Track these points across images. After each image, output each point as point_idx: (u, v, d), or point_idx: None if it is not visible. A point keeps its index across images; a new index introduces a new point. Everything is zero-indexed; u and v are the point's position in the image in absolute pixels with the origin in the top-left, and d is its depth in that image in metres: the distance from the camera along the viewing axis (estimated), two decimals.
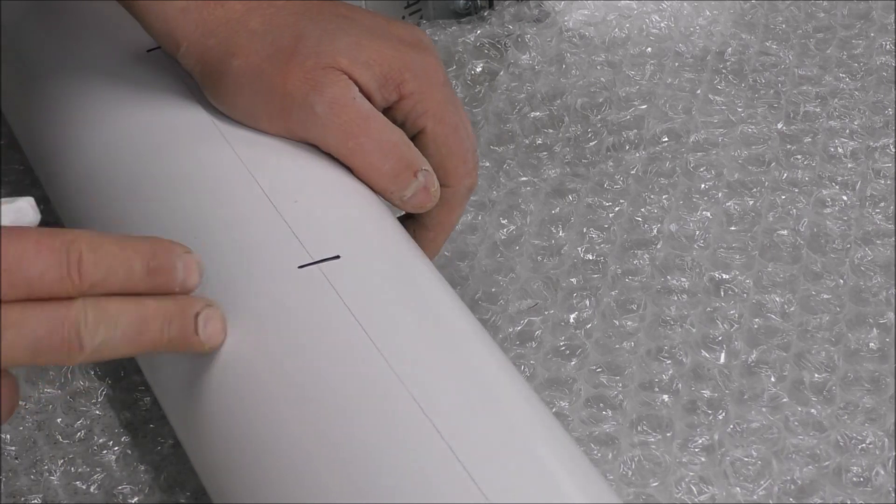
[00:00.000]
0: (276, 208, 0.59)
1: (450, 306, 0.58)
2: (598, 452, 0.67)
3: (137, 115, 0.66)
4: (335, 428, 0.52)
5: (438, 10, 0.91)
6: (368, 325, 0.54)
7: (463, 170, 0.65)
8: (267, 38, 0.62)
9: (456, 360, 0.56)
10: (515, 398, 0.55)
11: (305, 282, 0.57)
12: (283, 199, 0.60)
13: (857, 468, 0.66)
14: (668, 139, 0.84)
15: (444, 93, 0.64)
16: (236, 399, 0.55)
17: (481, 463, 0.50)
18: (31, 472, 0.67)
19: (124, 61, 0.69)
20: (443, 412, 0.52)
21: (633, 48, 0.89)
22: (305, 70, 0.61)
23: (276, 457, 0.53)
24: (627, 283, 0.75)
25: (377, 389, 0.53)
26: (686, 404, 0.69)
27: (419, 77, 0.63)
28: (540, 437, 0.53)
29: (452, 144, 0.64)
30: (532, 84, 0.87)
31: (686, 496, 0.65)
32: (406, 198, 0.63)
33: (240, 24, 0.63)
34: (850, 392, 0.70)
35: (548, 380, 0.70)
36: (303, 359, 0.55)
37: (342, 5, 0.65)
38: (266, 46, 0.62)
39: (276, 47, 0.62)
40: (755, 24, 0.91)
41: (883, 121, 0.85)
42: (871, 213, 0.79)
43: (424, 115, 0.63)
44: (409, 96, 0.63)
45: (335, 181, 0.62)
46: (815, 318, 0.73)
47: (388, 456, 0.51)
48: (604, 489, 0.52)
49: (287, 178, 0.61)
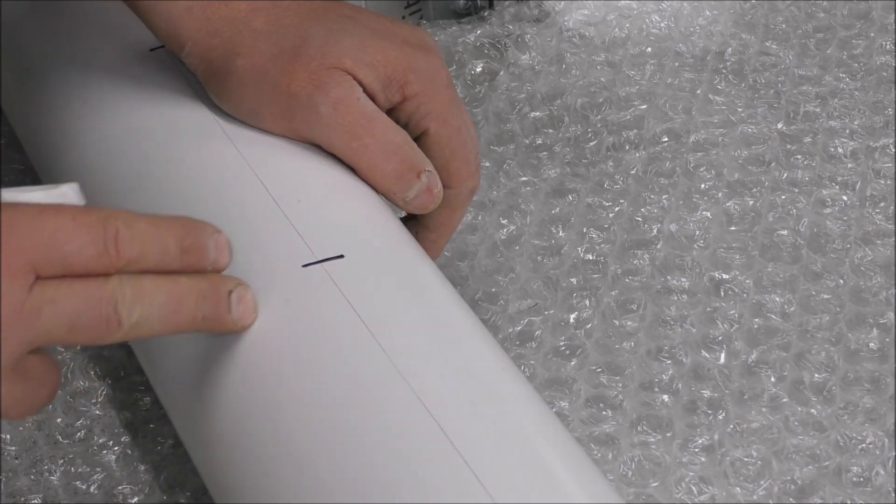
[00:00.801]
0: (280, 208, 0.59)
1: (452, 306, 0.58)
2: (598, 452, 0.67)
3: (140, 114, 0.66)
4: (339, 426, 0.52)
5: (438, 10, 0.91)
6: (372, 323, 0.54)
7: (466, 171, 0.65)
8: (271, 39, 0.62)
9: (459, 359, 0.56)
10: (518, 397, 0.55)
11: (309, 281, 0.57)
12: (287, 199, 0.60)
13: (857, 468, 0.66)
14: (668, 139, 0.83)
15: (448, 94, 0.64)
16: (239, 397, 0.55)
17: (485, 462, 0.50)
18: (31, 472, 0.67)
19: (127, 60, 0.69)
20: (446, 411, 0.52)
21: (633, 48, 0.89)
22: (310, 70, 0.61)
23: (278, 454, 0.53)
24: (627, 283, 0.75)
25: (381, 388, 0.53)
26: (686, 404, 0.69)
27: (423, 78, 0.63)
28: (543, 437, 0.53)
29: (456, 146, 0.64)
30: (532, 84, 0.87)
31: (686, 496, 0.65)
32: (409, 199, 0.63)
33: (244, 23, 0.63)
34: (850, 392, 0.70)
35: (548, 380, 0.70)
36: (306, 357, 0.55)
37: (346, 6, 0.65)
38: (270, 46, 0.62)
39: (281, 47, 0.62)
40: (755, 24, 0.91)
41: (883, 121, 0.85)
42: (871, 213, 0.79)
43: (428, 117, 0.63)
44: (413, 97, 0.63)
45: (339, 182, 0.62)
46: (815, 318, 0.73)
47: (392, 455, 0.51)
48: (605, 489, 0.53)
49: (291, 178, 0.61)
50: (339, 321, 0.55)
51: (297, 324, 0.56)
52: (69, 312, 0.50)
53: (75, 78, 0.69)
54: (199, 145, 0.63)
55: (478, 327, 0.58)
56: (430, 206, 0.64)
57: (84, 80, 0.69)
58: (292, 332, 0.56)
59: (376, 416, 0.52)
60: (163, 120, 0.65)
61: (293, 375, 0.54)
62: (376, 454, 0.51)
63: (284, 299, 0.56)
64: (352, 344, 0.54)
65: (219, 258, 0.54)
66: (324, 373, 0.54)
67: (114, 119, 0.66)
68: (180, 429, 0.60)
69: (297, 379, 0.54)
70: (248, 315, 0.55)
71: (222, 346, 0.56)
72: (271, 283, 0.57)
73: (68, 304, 0.50)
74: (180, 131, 0.64)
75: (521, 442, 0.52)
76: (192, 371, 0.57)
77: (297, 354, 0.55)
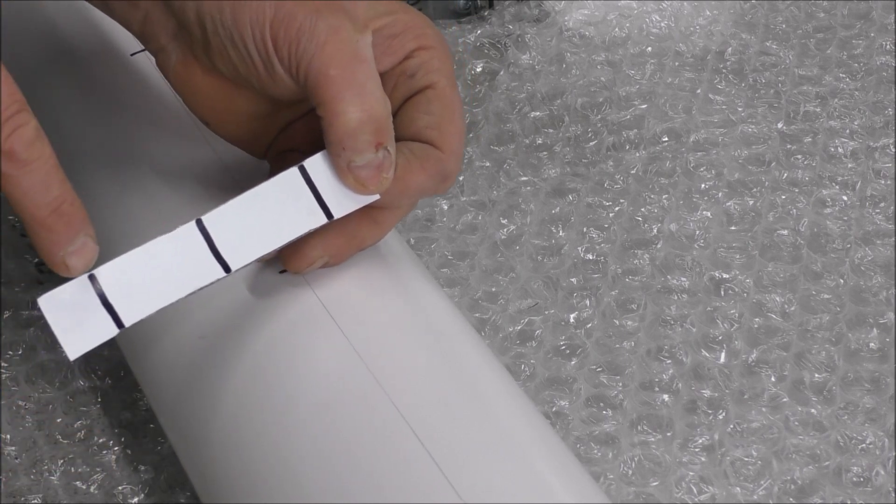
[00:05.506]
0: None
1: (432, 304, 0.58)
2: (599, 452, 0.67)
3: (122, 116, 0.66)
4: (320, 433, 0.52)
5: (438, 10, 0.91)
6: (344, 323, 0.55)
7: (456, 143, 0.58)
8: None
9: (435, 358, 0.55)
10: (498, 396, 0.54)
11: (283, 280, 0.57)
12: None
13: (857, 468, 0.66)
14: (668, 139, 0.84)
15: (453, 67, 0.61)
16: (218, 406, 0.55)
17: (456, 462, 0.50)
18: (31, 472, 0.67)
19: (111, 64, 0.69)
20: (418, 411, 0.52)
21: (634, 48, 0.89)
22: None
23: (257, 459, 0.53)
24: (627, 283, 0.75)
25: (353, 388, 0.53)
26: (686, 404, 0.69)
27: (438, 38, 0.60)
28: (522, 435, 0.53)
29: (455, 112, 0.59)
30: (532, 84, 0.87)
31: (686, 496, 0.65)
32: (355, 164, 0.55)
33: None
34: (850, 392, 0.70)
35: (548, 379, 0.70)
36: (280, 358, 0.55)
37: None
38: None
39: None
40: (755, 23, 0.91)
41: (883, 121, 0.85)
42: (871, 213, 0.79)
43: (439, 71, 0.58)
44: (429, 49, 0.58)
45: None
46: (816, 318, 0.73)
47: (364, 456, 0.51)
48: (592, 489, 0.52)
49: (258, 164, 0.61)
50: (312, 320, 0.55)
51: (272, 325, 0.56)
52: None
53: (62, 81, 0.70)
54: (177, 145, 0.64)
55: (459, 324, 0.58)
56: (366, 188, 0.55)
57: (71, 84, 0.69)
58: (268, 334, 0.56)
59: (349, 418, 0.52)
60: (144, 121, 0.65)
61: (266, 383, 0.55)
62: (348, 454, 0.51)
63: (258, 303, 0.56)
64: (325, 345, 0.54)
65: None
66: (299, 374, 0.54)
67: (95, 121, 0.67)
68: (171, 438, 0.61)
69: (272, 384, 0.54)
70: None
71: (206, 351, 0.56)
72: (247, 287, 0.57)
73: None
74: (161, 132, 0.65)
75: (495, 441, 0.52)
76: (179, 382, 0.58)
77: (271, 356, 0.55)
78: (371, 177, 0.55)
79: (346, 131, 0.55)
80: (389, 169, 0.55)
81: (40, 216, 0.51)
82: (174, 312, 0.54)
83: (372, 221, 0.58)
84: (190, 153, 0.63)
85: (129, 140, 0.65)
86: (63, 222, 0.51)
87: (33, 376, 0.71)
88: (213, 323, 0.57)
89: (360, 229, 0.57)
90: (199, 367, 0.57)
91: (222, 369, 0.56)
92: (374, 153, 0.55)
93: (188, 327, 0.58)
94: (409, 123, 0.57)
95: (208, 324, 0.57)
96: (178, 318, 0.58)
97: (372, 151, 0.55)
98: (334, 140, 0.55)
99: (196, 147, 0.63)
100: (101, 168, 0.65)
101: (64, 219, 0.51)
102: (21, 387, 0.71)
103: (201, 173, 0.62)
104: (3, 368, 0.71)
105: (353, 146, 0.55)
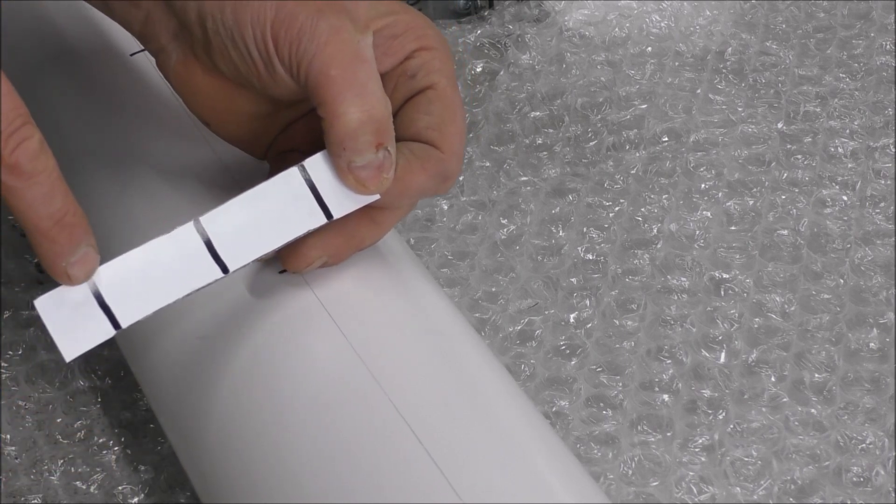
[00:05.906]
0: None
1: (433, 304, 0.58)
2: (599, 452, 0.67)
3: (121, 117, 0.66)
4: (320, 433, 0.52)
5: (438, 10, 0.91)
6: (344, 323, 0.55)
7: (457, 143, 0.58)
8: None
9: (436, 358, 0.55)
10: (498, 396, 0.54)
11: (283, 279, 0.57)
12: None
13: (857, 468, 0.66)
14: (668, 139, 0.84)
15: (454, 68, 0.61)
16: (218, 406, 0.55)
17: (455, 462, 0.50)
18: (31, 472, 0.67)
19: (111, 64, 0.69)
20: (417, 412, 0.52)
21: (634, 48, 0.89)
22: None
23: (257, 459, 0.53)
24: (627, 283, 0.75)
25: (352, 388, 0.53)
26: (686, 404, 0.69)
27: (440, 39, 0.60)
28: (522, 435, 0.53)
29: (456, 113, 0.59)
30: (532, 84, 0.87)
31: (686, 496, 0.65)
32: (355, 165, 0.55)
33: None
34: (850, 392, 0.70)
35: (548, 379, 0.70)
36: (281, 359, 0.55)
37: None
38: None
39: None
40: (755, 23, 0.91)
41: (883, 121, 0.85)
42: (871, 213, 0.79)
43: (440, 72, 0.58)
44: (430, 49, 0.59)
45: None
46: (816, 318, 0.73)
47: (363, 456, 0.51)
48: (592, 489, 0.52)
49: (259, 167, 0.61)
50: (312, 320, 0.55)
51: (271, 325, 0.56)
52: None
53: (60, 80, 0.70)
54: (178, 146, 0.64)
55: (459, 324, 0.58)
56: (366, 189, 0.55)
57: (70, 83, 0.69)
58: (268, 334, 0.56)
59: (349, 418, 0.52)
60: (143, 122, 0.65)
61: (265, 381, 0.55)
62: (348, 454, 0.51)
63: (259, 302, 0.56)
64: (324, 345, 0.54)
65: None
66: (298, 374, 0.54)
67: (94, 121, 0.67)
68: (171, 438, 0.61)
69: (271, 384, 0.54)
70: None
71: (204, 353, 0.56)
72: (246, 285, 0.57)
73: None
74: (161, 132, 0.65)
75: (495, 441, 0.52)
76: (179, 382, 0.58)
77: (271, 356, 0.55)
78: (371, 177, 0.55)
79: (347, 131, 0.55)
80: (390, 169, 0.55)
81: (43, 227, 0.51)
82: (174, 312, 0.54)
83: (371, 221, 0.58)
84: (190, 153, 0.63)
85: (128, 140, 0.66)
86: (65, 233, 0.51)
87: (33, 376, 0.71)
88: (212, 323, 0.57)
89: (360, 229, 0.57)
90: (199, 367, 0.57)
91: (222, 369, 0.56)
92: (374, 153, 0.55)
93: (188, 327, 0.58)
94: (409, 124, 0.57)
95: (208, 324, 0.57)
96: (177, 318, 0.58)
97: (372, 152, 0.55)
98: (335, 140, 0.55)
99: (196, 147, 0.63)
100: (101, 168, 0.65)
101: (66, 230, 0.51)
102: (21, 387, 0.71)
103: (201, 173, 0.62)
104: (3, 368, 0.71)
105: (353, 146, 0.55)
